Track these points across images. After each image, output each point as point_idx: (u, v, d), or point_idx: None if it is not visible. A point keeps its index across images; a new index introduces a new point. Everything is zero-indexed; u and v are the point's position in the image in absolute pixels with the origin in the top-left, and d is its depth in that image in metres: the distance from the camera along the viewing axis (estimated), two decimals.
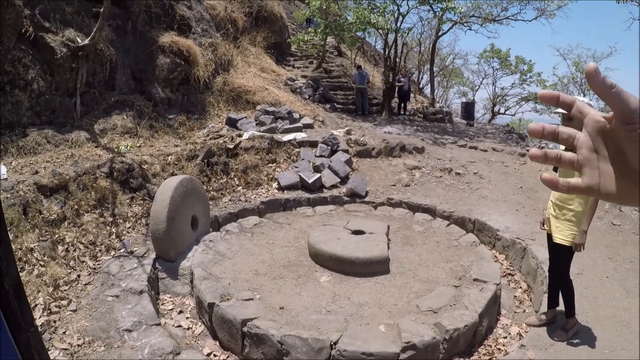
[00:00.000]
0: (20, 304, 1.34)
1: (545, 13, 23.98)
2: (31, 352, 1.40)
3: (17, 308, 1.32)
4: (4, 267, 1.24)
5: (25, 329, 1.38)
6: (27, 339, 1.38)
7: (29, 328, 1.40)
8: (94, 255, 7.47)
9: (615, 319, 6.17)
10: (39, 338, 1.45)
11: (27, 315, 1.39)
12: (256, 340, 5.38)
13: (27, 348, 1.38)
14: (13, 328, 1.31)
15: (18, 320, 1.33)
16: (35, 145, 9.53)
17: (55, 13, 11.18)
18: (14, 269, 1.33)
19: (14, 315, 1.31)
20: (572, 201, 5.52)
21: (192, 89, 15.30)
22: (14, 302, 1.31)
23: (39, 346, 1.44)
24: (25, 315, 1.37)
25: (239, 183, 11.41)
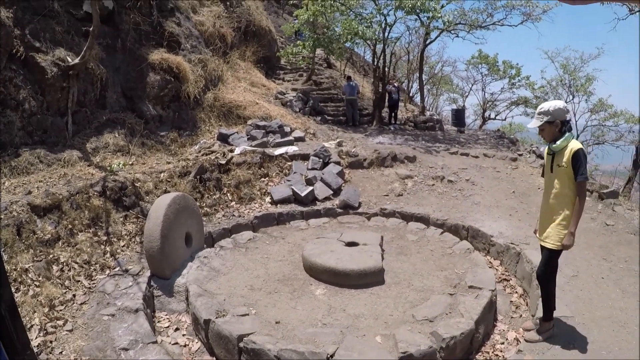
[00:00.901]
0: (15, 327, 1.36)
1: (531, 17, 24.11)
2: None
3: (13, 332, 1.34)
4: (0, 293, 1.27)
5: (21, 352, 1.40)
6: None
7: (25, 351, 1.42)
8: (89, 275, 7.46)
9: (612, 320, 6.18)
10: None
11: (23, 338, 1.41)
12: (253, 355, 5.38)
13: None
14: (10, 351, 1.33)
15: (14, 343, 1.35)
16: (28, 165, 9.55)
17: (45, 32, 11.23)
18: (9, 293, 1.35)
19: (10, 339, 1.33)
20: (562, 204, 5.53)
21: (183, 106, 15.33)
22: (9, 326, 1.33)
23: None
24: (20, 338, 1.39)
25: (232, 198, 11.42)
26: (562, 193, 5.48)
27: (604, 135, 34.01)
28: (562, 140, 5.41)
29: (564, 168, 5.38)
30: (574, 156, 5.29)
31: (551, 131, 5.48)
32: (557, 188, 5.53)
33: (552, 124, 5.44)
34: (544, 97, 36.25)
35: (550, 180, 5.68)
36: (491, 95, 40.98)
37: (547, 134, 5.52)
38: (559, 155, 5.45)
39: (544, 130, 5.51)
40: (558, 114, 5.39)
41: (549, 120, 5.44)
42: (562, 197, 5.51)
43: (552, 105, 5.47)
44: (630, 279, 7.40)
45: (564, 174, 5.40)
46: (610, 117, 33.43)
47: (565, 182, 5.43)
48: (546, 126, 5.48)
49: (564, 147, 5.40)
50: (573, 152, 5.29)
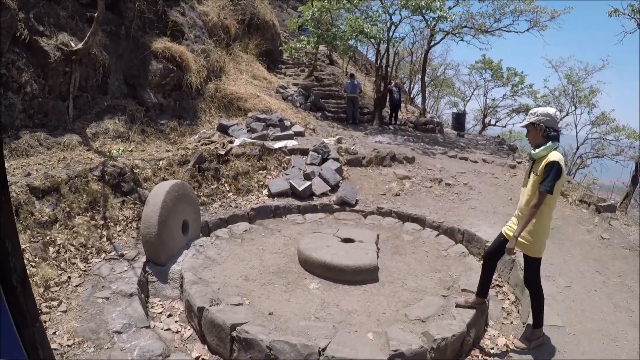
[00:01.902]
0: (26, 299, 1.37)
1: (538, 25, 24.11)
2: (35, 347, 1.43)
3: (23, 303, 1.36)
4: (13, 264, 1.28)
5: (30, 324, 1.41)
6: (32, 333, 1.41)
7: (34, 323, 1.44)
8: (85, 258, 7.48)
9: (603, 333, 6.20)
10: (43, 333, 1.48)
11: (33, 310, 1.43)
12: (245, 345, 5.40)
13: (32, 342, 1.42)
14: (19, 323, 1.35)
15: (24, 315, 1.37)
16: (28, 148, 9.56)
17: (49, 17, 11.21)
18: (22, 266, 1.36)
19: (20, 310, 1.35)
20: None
21: (184, 95, 15.34)
22: (20, 298, 1.35)
23: (42, 341, 1.47)
24: (30, 310, 1.41)
25: (229, 189, 11.43)
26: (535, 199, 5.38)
27: (604, 149, 33.87)
28: (543, 149, 5.38)
29: (537, 177, 5.35)
30: (546, 166, 5.25)
31: (535, 134, 5.46)
32: (529, 196, 5.51)
33: (535, 127, 5.44)
34: (546, 106, 36.21)
35: (525, 187, 5.68)
36: (493, 101, 40.94)
37: (532, 137, 5.51)
38: (537, 163, 5.43)
39: (529, 132, 5.52)
40: (545, 119, 5.40)
41: (533, 122, 5.45)
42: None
43: (543, 109, 5.53)
44: (623, 294, 7.41)
45: (537, 183, 5.36)
46: (612, 131, 33.24)
47: (537, 191, 5.36)
48: (531, 128, 5.49)
49: (543, 156, 5.37)
50: (547, 162, 5.25)
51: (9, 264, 1.35)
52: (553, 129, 5.40)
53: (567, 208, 11.83)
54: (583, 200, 11.95)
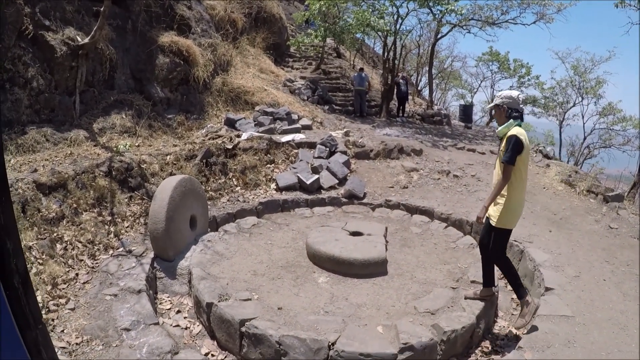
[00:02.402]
0: (29, 301, 1.35)
1: (545, 17, 23.99)
2: (39, 349, 1.41)
3: (25, 305, 1.33)
4: (15, 265, 1.26)
5: (33, 326, 1.39)
6: (36, 335, 1.39)
7: (37, 325, 1.41)
8: (93, 254, 7.48)
9: (612, 322, 6.17)
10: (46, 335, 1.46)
11: (36, 312, 1.40)
12: (254, 340, 5.39)
13: (35, 345, 1.40)
14: (22, 324, 1.32)
15: (27, 317, 1.34)
16: (34, 144, 9.55)
17: (55, 11, 11.20)
18: (24, 267, 1.34)
19: (22, 312, 1.32)
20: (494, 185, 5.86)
21: (191, 89, 15.32)
22: (23, 299, 1.32)
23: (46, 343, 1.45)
24: (33, 312, 1.38)
25: (237, 183, 11.42)
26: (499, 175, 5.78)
27: (611, 139, 33.77)
28: (504, 126, 5.76)
29: (502, 152, 5.68)
30: (506, 141, 5.61)
31: (499, 115, 5.85)
32: (498, 171, 5.83)
33: (500, 108, 5.83)
34: (553, 97, 36.09)
35: (496, 164, 6.00)
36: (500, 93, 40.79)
37: (497, 117, 5.92)
38: (502, 140, 5.77)
39: (495, 113, 5.93)
40: (507, 101, 5.77)
41: (498, 104, 5.84)
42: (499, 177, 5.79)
43: (507, 92, 5.90)
44: (632, 282, 7.38)
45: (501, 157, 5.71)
46: (619, 122, 33.15)
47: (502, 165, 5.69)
48: (496, 109, 5.88)
49: (505, 133, 5.73)
50: (508, 137, 5.61)
51: (11, 266, 1.33)
52: (515, 110, 5.78)
53: (575, 198, 11.78)
54: (591, 190, 11.90)
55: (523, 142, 5.59)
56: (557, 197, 11.91)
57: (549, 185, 12.73)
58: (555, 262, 7.92)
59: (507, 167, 5.58)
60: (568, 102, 35.35)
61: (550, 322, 6.07)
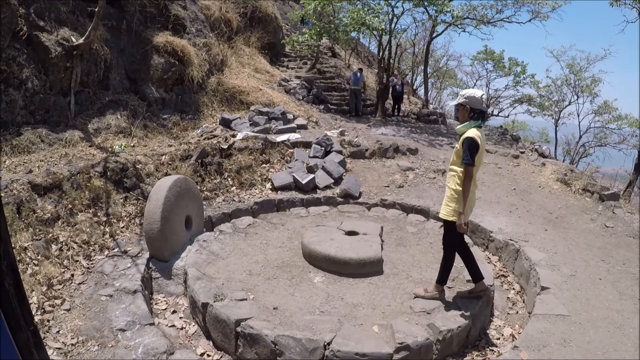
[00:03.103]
0: (20, 303, 1.34)
1: (540, 15, 24.01)
2: (30, 351, 1.40)
3: (17, 307, 1.32)
4: (4, 267, 1.25)
5: (25, 328, 1.38)
6: (27, 337, 1.38)
7: (28, 327, 1.41)
8: (88, 255, 7.47)
9: (608, 321, 6.18)
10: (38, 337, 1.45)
11: (27, 314, 1.39)
12: (250, 340, 5.39)
13: (27, 347, 1.39)
14: (13, 327, 1.31)
15: (18, 319, 1.33)
16: (29, 144, 9.53)
17: (50, 12, 11.18)
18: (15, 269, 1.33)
19: (14, 314, 1.32)
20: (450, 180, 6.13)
21: (186, 89, 15.31)
22: (14, 301, 1.32)
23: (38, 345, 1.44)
24: (25, 314, 1.37)
25: (232, 183, 11.41)
26: (453, 171, 6.08)
27: (607, 138, 33.81)
28: (463, 125, 6.03)
29: (457, 149, 5.97)
30: (463, 142, 5.84)
31: (462, 114, 6.04)
32: (452, 166, 6.14)
33: (463, 107, 6.00)
34: (548, 95, 36.12)
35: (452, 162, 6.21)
36: (495, 92, 40.80)
37: (460, 115, 6.08)
38: (460, 138, 5.97)
39: (459, 111, 6.08)
40: (471, 100, 5.93)
41: (461, 103, 5.99)
42: (451, 175, 6.10)
43: (471, 92, 6.01)
44: (628, 281, 7.40)
45: (456, 155, 6.01)
46: (614, 120, 33.19)
47: (456, 162, 6.04)
48: (460, 107, 6.03)
49: (463, 132, 5.98)
50: (463, 139, 5.86)
51: (1, 267, 1.32)
52: (478, 110, 5.97)
53: (571, 197, 11.80)
54: (586, 189, 11.92)
55: (479, 143, 5.83)
56: (553, 196, 11.93)
57: (544, 184, 12.75)
58: (551, 261, 7.94)
59: (468, 168, 5.79)
60: (563, 100, 35.40)
61: (546, 321, 6.09)
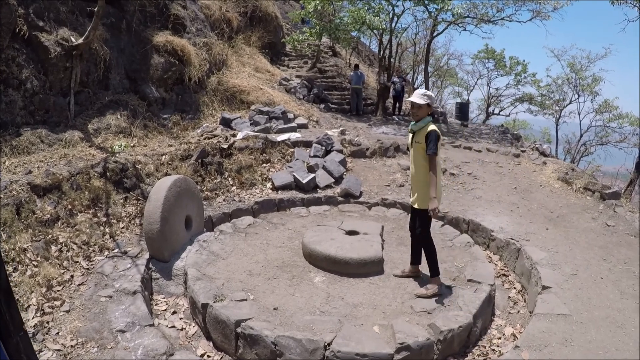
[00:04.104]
0: (9, 308, 1.32)
1: (541, 15, 23.96)
2: (20, 356, 1.38)
3: (6, 312, 1.30)
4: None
5: (14, 333, 1.36)
6: (17, 343, 1.36)
7: (18, 332, 1.38)
8: (88, 256, 7.45)
9: (610, 320, 6.16)
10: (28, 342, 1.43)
11: (17, 319, 1.37)
12: (250, 341, 5.37)
13: (17, 352, 1.37)
14: (2, 332, 1.29)
15: (7, 324, 1.31)
16: (29, 145, 9.50)
17: (49, 12, 11.15)
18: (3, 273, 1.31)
19: (3, 320, 1.29)
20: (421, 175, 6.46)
21: (186, 89, 15.28)
22: (2, 307, 1.29)
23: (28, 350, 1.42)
24: (14, 319, 1.35)
25: (233, 183, 11.39)
26: (420, 164, 6.41)
27: (608, 136, 33.81)
28: (423, 123, 6.41)
29: (420, 144, 6.31)
30: (427, 135, 6.24)
31: (424, 112, 6.42)
32: (417, 160, 6.46)
33: (429, 106, 6.42)
34: (549, 94, 36.10)
35: (412, 154, 6.60)
36: (496, 91, 40.78)
37: (422, 112, 6.42)
38: (418, 134, 6.39)
39: (421, 108, 6.38)
40: (432, 101, 6.47)
41: (429, 103, 6.40)
42: (420, 168, 6.42)
43: (431, 93, 6.56)
44: (629, 280, 7.38)
45: (421, 149, 6.32)
46: (615, 119, 33.19)
47: (421, 155, 6.35)
48: (424, 106, 6.37)
49: (422, 127, 6.37)
50: (427, 132, 6.27)
51: None
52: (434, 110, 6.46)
53: (572, 196, 11.77)
54: (587, 188, 11.89)
55: (440, 135, 6.33)
56: (554, 194, 11.90)
57: (545, 183, 12.73)
58: (552, 260, 7.92)
59: (434, 157, 6.21)
60: (564, 99, 35.43)
61: (548, 320, 6.07)
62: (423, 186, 6.41)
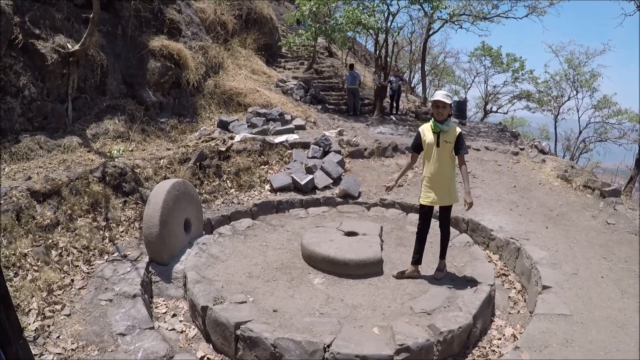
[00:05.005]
0: (8, 315, 1.33)
1: (537, 10, 23.98)
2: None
3: (4, 319, 1.31)
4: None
5: (14, 341, 1.37)
6: (16, 350, 1.37)
7: (17, 340, 1.40)
8: (88, 260, 7.46)
9: (611, 320, 6.15)
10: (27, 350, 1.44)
11: (16, 326, 1.38)
12: (249, 343, 5.38)
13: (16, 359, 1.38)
14: (1, 340, 1.30)
15: (6, 331, 1.32)
16: (28, 151, 9.53)
17: (45, 20, 11.17)
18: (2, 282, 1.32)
19: (1, 327, 1.30)
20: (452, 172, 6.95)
21: (183, 92, 15.29)
22: (1, 314, 1.31)
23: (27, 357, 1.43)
24: (13, 326, 1.36)
25: (231, 185, 11.41)
26: (448, 162, 6.81)
27: (607, 133, 33.76)
28: (450, 123, 6.73)
29: (450, 144, 6.69)
30: (459, 135, 6.72)
31: (448, 111, 6.68)
32: (444, 158, 6.78)
33: (451, 107, 6.75)
34: (547, 91, 36.07)
35: (435, 153, 6.78)
36: (494, 88, 40.74)
37: (447, 111, 6.66)
38: (447, 134, 6.68)
39: (446, 107, 6.62)
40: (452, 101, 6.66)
41: (450, 103, 6.68)
42: (448, 166, 6.83)
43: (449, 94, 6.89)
44: (630, 279, 7.38)
45: (450, 148, 6.72)
46: (614, 115, 33.12)
47: (449, 154, 6.77)
48: (449, 106, 6.63)
49: (450, 128, 6.69)
50: (458, 133, 6.72)
51: None
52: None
53: (572, 194, 11.78)
54: (587, 186, 11.90)
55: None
56: (554, 192, 11.91)
57: (544, 181, 12.74)
58: (552, 259, 7.92)
59: (463, 156, 6.88)
60: (562, 96, 35.39)
61: (548, 321, 6.07)
62: (451, 183, 6.88)
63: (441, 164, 6.73)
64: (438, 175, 6.79)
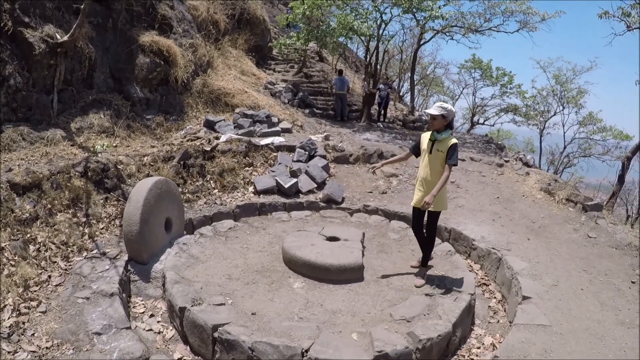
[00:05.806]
0: None
1: (528, 26, 24.10)
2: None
3: None
4: None
5: None
6: None
7: None
8: (66, 256, 7.38)
9: (590, 332, 6.19)
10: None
11: None
12: (227, 346, 5.34)
13: None
14: None
15: None
16: (10, 142, 9.41)
17: (35, 8, 11.05)
18: None
19: None
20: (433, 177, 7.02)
21: (171, 90, 15.19)
22: None
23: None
24: None
25: (215, 186, 11.36)
26: (437, 170, 6.96)
27: (591, 149, 34.03)
28: (445, 134, 6.94)
29: (442, 153, 6.89)
30: (451, 146, 6.84)
31: (441, 123, 6.89)
32: (435, 166, 7.00)
33: (445, 118, 6.87)
34: (534, 106, 36.25)
35: (427, 161, 7.10)
36: (481, 101, 40.91)
37: (438, 124, 6.91)
38: (441, 143, 6.93)
39: (436, 119, 6.89)
40: (450, 114, 6.92)
41: (444, 115, 6.86)
42: (437, 173, 6.95)
43: (450, 106, 7.00)
44: (610, 292, 7.44)
45: (441, 157, 6.91)
46: (599, 132, 33.40)
47: (440, 162, 6.94)
48: (440, 118, 6.86)
49: (445, 138, 6.92)
50: (451, 144, 6.86)
51: None
52: (452, 121, 7.05)
53: (554, 207, 11.82)
54: (570, 199, 11.96)
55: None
56: (536, 205, 11.94)
57: (528, 193, 12.78)
58: (533, 270, 7.95)
59: (451, 168, 6.92)
60: (549, 111, 35.56)
61: (527, 331, 6.09)
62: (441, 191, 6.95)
63: (431, 171, 7.00)
64: (427, 180, 7.05)
